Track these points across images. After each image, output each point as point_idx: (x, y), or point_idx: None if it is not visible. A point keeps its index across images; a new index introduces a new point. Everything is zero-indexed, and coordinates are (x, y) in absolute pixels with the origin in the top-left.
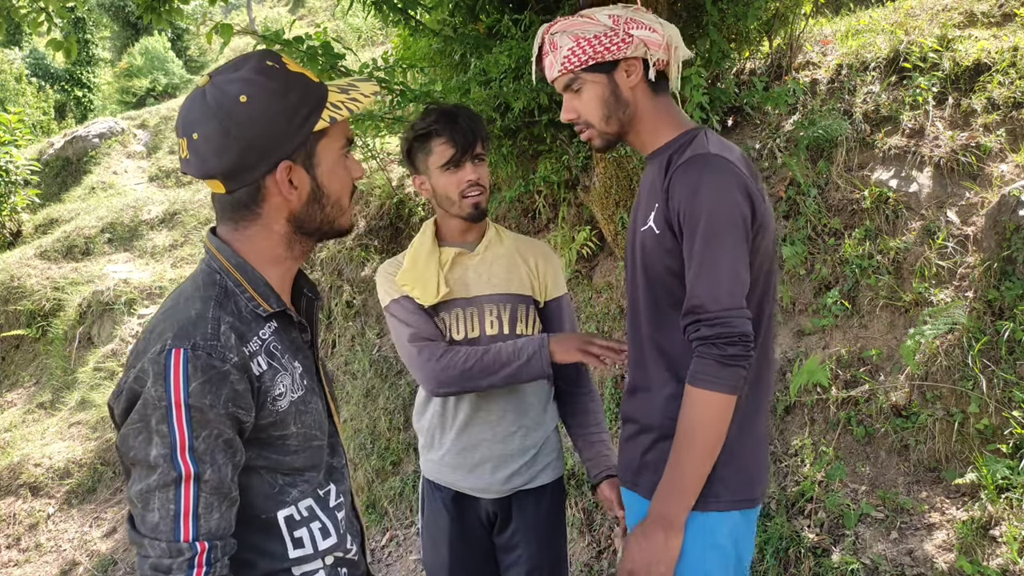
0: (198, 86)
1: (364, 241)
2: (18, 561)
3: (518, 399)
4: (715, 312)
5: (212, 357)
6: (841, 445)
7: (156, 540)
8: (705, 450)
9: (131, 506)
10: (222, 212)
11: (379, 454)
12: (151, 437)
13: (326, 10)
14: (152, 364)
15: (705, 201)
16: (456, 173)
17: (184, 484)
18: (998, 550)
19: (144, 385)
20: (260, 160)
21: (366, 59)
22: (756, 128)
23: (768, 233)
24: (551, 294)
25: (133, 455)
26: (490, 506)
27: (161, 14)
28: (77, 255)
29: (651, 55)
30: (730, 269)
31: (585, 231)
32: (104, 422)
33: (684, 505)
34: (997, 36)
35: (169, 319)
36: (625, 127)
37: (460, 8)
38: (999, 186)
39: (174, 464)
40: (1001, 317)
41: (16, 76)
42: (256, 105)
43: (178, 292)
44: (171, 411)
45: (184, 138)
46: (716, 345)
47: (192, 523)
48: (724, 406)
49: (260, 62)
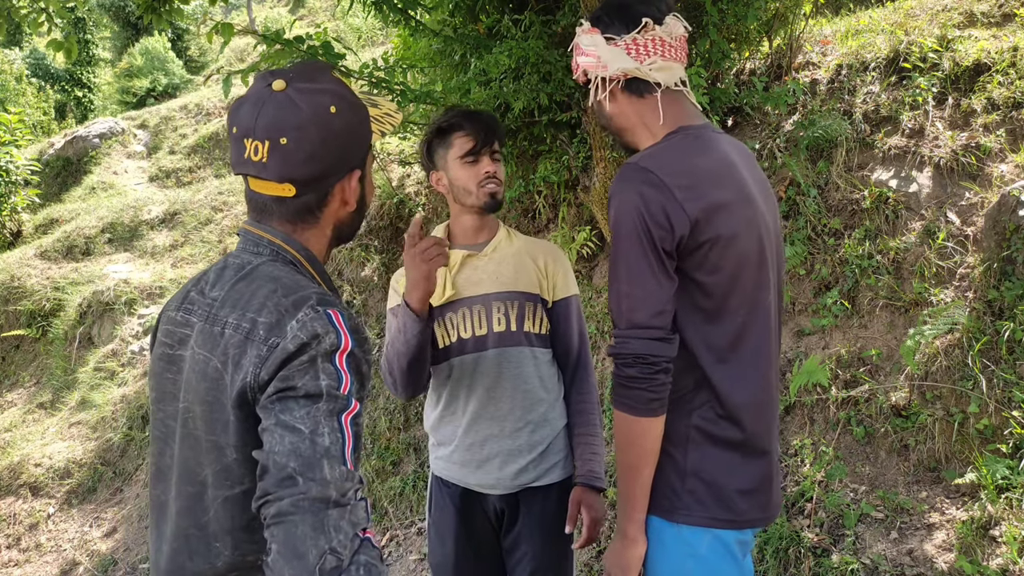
0: (273, 90)
1: (364, 241)
2: (18, 561)
3: (525, 394)
4: (620, 330)
5: (355, 321)
6: (841, 445)
7: (332, 463)
8: (627, 469)
9: (289, 434)
10: (280, 214)
11: (379, 454)
12: (318, 373)
13: (326, 10)
14: (315, 322)
15: (612, 216)
16: (474, 166)
17: (346, 416)
18: (998, 550)
19: (305, 343)
20: (340, 168)
21: (366, 59)
22: (756, 128)
23: (732, 246)
24: (560, 294)
25: (301, 389)
26: (498, 503)
27: (161, 14)
28: (77, 255)
29: (596, 75)
30: (633, 285)
31: (585, 231)
32: (104, 422)
33: (631, 518)
34: (997, 36)
35: (290, 293)
36: (620, 135)
37: (460, 8)
38: (999, 186)
39: (343, 396)
40: (1001, 317)
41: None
42: (344, 116)
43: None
44: (336, 355)
45: (266, 141)
46: (617, 366)
47: (353, 456)
48: (633, 427)
49: (331, 74)
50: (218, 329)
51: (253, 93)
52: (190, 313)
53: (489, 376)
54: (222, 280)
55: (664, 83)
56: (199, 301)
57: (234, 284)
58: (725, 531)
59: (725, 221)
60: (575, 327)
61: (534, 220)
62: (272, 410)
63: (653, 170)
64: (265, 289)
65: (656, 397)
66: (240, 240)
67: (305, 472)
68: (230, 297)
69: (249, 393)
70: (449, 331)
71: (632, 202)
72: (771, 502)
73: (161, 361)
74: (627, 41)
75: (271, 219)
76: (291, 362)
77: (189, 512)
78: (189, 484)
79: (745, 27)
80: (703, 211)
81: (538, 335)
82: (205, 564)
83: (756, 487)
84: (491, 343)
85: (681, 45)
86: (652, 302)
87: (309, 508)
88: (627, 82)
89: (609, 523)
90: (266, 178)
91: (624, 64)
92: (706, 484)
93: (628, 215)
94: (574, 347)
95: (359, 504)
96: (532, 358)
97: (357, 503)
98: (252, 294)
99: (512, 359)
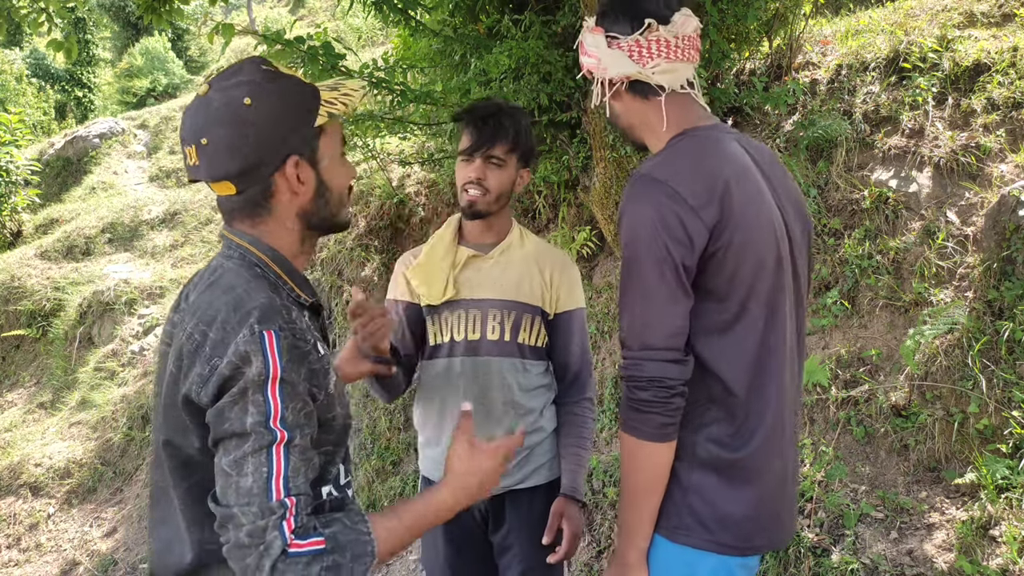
0: (198, 95)
1: (364, 241)
2: (18, 561)
3: (514, 405)
4: (633, 352)
5: (296, 338)
6: (841, 445)
7: (249, 505)
8: (633, 495)
9: (221, 479)
10: (236, 213)
11: (379, 454)
12: (247, 407)
13: (326, 10)
14: (248, 345)
15: (624, 231)
16: (466, 166)
17: (276, 448)
18: (998, 550)
19: (238, 367)
20: (270, 157)
21: (366, 59)
22: (756, 128)
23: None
24: (563, 307)
25: (228, 427)
26: (483, 504)
27: (161, 14)
28: (77, 255)
29: (599, 77)
30: (647, 305)
31: (585, 231)
32: (104, 422)
33: (633, 545)
34: (997, 36)
35: (239, 307)
36: (629, 135)
37: (460, 8)
38: (999, 186)
39: (268, 430)
40: (1001, 317)
41: (16, 76)
42: (261, 106)
43: (224, 284)
44: (267, 384)
45: (192, 145)
46: (629, 388)
47: (283, 484)
48: (642, 452)
49: (255, 66)
50: (180, 334)
51: (191, 102)
52: (183, 315)
53: (478, 383)
54: (200, 284)
55: (668, 86)
56: (183, 306)
57: (201, 292)
58: (733, 557)
59: (739, 224)
60: (576, 341)
61: (534, 220)
62: (217, 453)
63: (665, 180)
64: (220, 301)
65: (670, 422)
66: (222, 244)
67: (226, 521)
68: (195, 304)
69: (195, 402)
70: (443, 330)
71: (647, 217)
72: (782, 527)
73: (160, 359)
74: (630, 43)
75: (234, 219)
76: (225, 390)
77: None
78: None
79: (745, 27)
80: (718, 216)
81: (532, 347)
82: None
83: (764, 512)
84: (483, 350)
85: (690, 44)
86: (668, 323)
87: (234, 554)
88: (631, 83)
89: (610, 522)
90: (202, 179)
91: (625, 68)
92: (710, 506)
93: (643, 231)
94: (574, 361)
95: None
96: (523, 370)
97: (273, 534)
98: (210, 304)
99: (503, 369)
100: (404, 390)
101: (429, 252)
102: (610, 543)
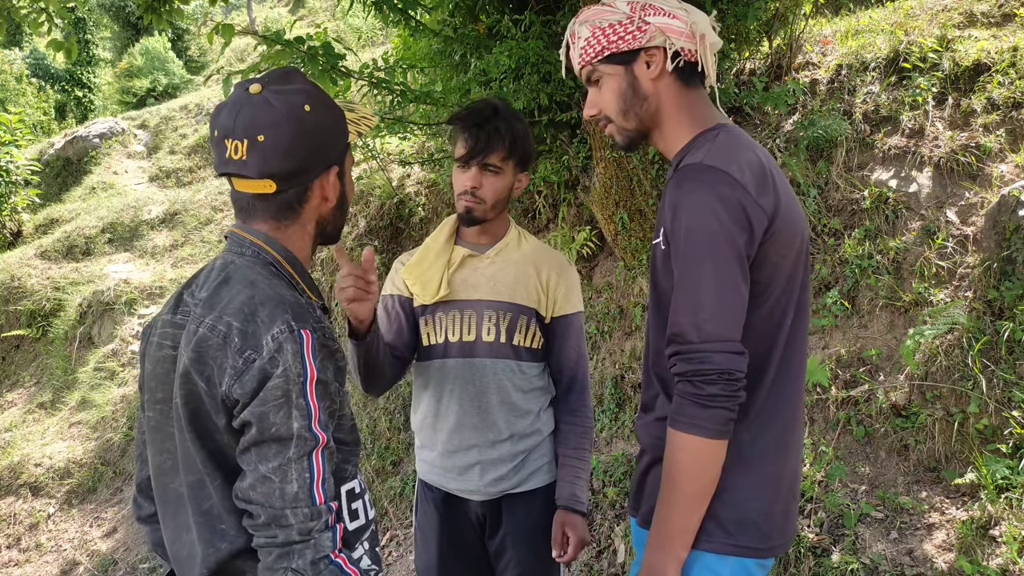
0: (249, 92)
1: (364, 241)
2: (18, 561)
3: (511, 408)
4: (695, 344)
5: (325, 337)
6: (841, 445)
7: (297, 508)
8: (688, 499)
9: (262, 484)
10: (260, 212)
11: (379, 454)
12: (291, 411)
13: (326, 10)
14: (288, 342)
15: (684, 220)
16: (462, 174)
17: (316, 454)
18: (998, 550)
19: (278, 364)
20: (318, 164)
21: (366, 59)
22: (756, 128)
23: (788, 248)
24: (560, 311)
25: (275, 431)
26: (479, 508)
27: (161, 14)
28: (77, 255)
29: (671, 44)
30: (712, 295)
31: (585, 231)
32: (104, 422)
33: (672, 556)
34: (997, 36)
35: (266, 301)
36: (646, 123)
37: (460, 8)
38: (999, 186)
39: (313, 435)
40: (1001, 317)
41: (16, 76)
42: (318, 114)
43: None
44: (306, 386)
45: (245, 139)
46: (693, 383)
47: (323, 488)
48: (705, 451)
49: (303, 76)
50: (194, 327)
51: (232, 98)
52: (186, 315)
53: (474, 385)
54: (208, 282)
55: (711, 79)
56: (190, 303)
57: (217, 287)
58: (752, 559)
59: (784, 216)
60: (572, 346)
61: (534, 220)
62: (250, 454)
63: (723, 168)
64: (242, 295)
65: (734, 417)
66: (227, 243)
67: (273, 522)
68: (211, 299)
69: (228, 401)
70: (437, 330)
71: (708, 205)
72: (789, 527)
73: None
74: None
75: (254, 219)
76: (266, 385)
77: (195, 499)
78: (191, 473)
79: (745, 27)
80: (774, 205)
81: (528, 349)
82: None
83: (780, 510)
84: (478, 352)
85: None
86: (733, 312)
87: (277, 548)
88: (680, 66)
89: (610, 522)
90: (247, 175)
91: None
92: (729, 508)
93: (705, 219)
94: (569, 366)
95: (324, 535)
96: (519, 372)
97: (322, 535)
98: (231, 299)
99: (498, 371)
100: (387, 382)
101: (424, 251)
102: (610, 543)
